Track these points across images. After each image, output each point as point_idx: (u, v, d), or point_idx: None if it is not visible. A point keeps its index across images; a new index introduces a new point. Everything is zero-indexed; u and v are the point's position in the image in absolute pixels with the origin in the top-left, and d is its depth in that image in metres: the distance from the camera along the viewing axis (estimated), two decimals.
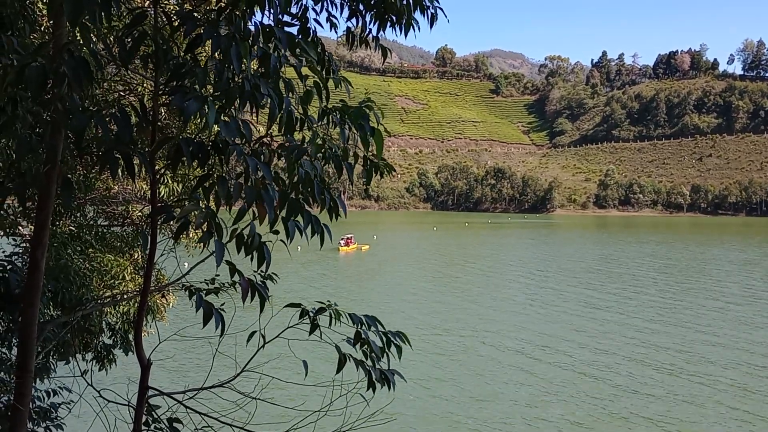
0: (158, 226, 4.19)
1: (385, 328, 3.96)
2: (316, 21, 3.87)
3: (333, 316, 3.87)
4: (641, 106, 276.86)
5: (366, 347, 3.88)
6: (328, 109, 3.59)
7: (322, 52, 3.65)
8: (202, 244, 3.24)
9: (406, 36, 4.21)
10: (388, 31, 4.12)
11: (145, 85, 6.83)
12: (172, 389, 4.49)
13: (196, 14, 3.30)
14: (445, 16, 4.27)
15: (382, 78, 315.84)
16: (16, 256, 7.86)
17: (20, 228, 9.02)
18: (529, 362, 28.84)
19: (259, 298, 3.59)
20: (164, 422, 4.25)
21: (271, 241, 3.38)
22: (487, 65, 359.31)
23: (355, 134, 3.60)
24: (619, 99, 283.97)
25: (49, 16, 3.59)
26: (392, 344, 3.92)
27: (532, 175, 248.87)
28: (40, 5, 5.81)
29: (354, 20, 4.15)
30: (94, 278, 9.10)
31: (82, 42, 3.13)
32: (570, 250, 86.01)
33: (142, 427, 4.01)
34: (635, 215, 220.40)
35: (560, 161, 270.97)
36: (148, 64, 3.54)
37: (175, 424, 4.25)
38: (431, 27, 4.23)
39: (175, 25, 3.36)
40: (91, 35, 3.36)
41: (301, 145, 3.42)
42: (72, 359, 8.15)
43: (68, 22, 2.82)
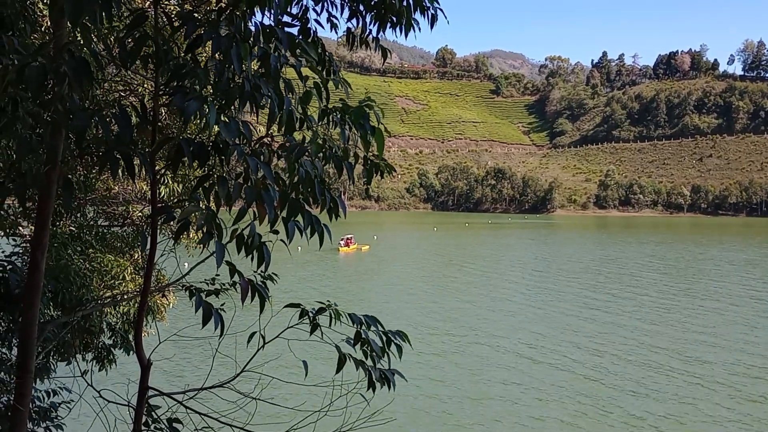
0: (158, 227, 4.19)
1: (384, 328, 3.96)
2: (317, 21, 3.88)
3: (333, 316, 3.87)
4: (641, 106, 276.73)
5: (366, 347, 3.88)
6: (329, 109, 3.59)
7: (322, 53, 3.65)
8: (202, 245, 3.24)
9: (406, 36, 4.20)
10: (389, 31, 4.12)
11: (146, 86, 6.84)
12: (172, 389, 4.49)
13: (196, 15, 3.30)
14: (445, 17, 4.27)
15: (383, 78, 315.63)
16: (16, 256, 7.88)
17: (20, 228, 9.02)
18: (527, 363, 28.84)
19: (259, 298, 3.59)
20: (164, 422, 4.25)
21: (271, 241, 3.38)
22: (488, 66, 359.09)
23: (356, 134, 3.60)
24: (620, 99, 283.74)
25: (50, 17, 3.59)
26: (392, 344, 3.92)
27: (532, 175, 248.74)
28: (40, 6, 5.81)
29: (354, 21, 4.15)
30: (95, 278, 9.10)
31: (82, 42, 3.13)
32: (569, 251, 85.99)
33: (142, 428, 4.01)
34: (635, 215, 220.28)
35: (560, 162, 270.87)
36: (149, 65, 3.54)
37: (175, 425, 4.25)
38: (431, 28, 4.23)
39: (176, 25, 3.36)
40: (92, 35, 3.36)
41: (302, 144, 3.42)
42: (72, 359, 8.16)
43: (69, 23, 2.82)
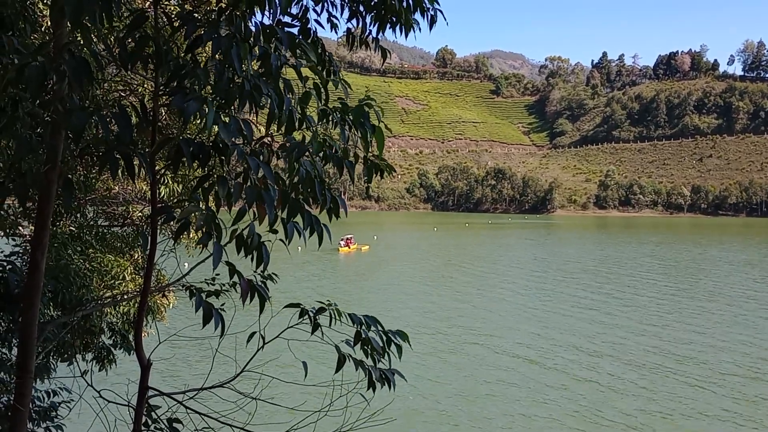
0: (158, 227, 4.19)
1: (384, 328, 3.96)
2: (317, 21, 3.88)
3: (333, 316, 3.87)
4: (641, 106, 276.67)
5: (368, 346, 3.88)
6: (329, 109, 3.58)
7: (322, 53, 3.65)
8: (201, 245, 3.24)
9: (406, 37, 4.21)
10: (389, 32, 4.12)
11: (146, 86, 6.84)
12: (172, 389, 4.49)
13: (196, 15, 3.30)
14: (444, 19, 4.27)
15: (383, 78, 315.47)
16: (16, 256, 7.88)
17: (20, 228, 9.02)
18: (525, 363, 28.83)
19: (259, 298, 3.59)
20: (164, 422, 4.25)
21: (270, 241, 3.38)
22: (488, 66, 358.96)
23: (355, 135, 3.59)
24: (620, 100, 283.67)
25: (50, 17, 3.59)
26: (392, 343, 3.92)
27: (532, 175, 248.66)
28: (40, 6, 5.81)
29: (354, 21, 4.15)
30: (95, 278, 9.10)
31: (82, 42, 3.13)
32: (569, 251, 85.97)
33: (142, 428, 4.01)
34: (635, 216, 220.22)
35: (560, 162, 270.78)
36: (149, 65, 3.54)
37: (174, 425, 4.25)
38: (430, 29, 4.23)
39: (176, 25, 3.36)
40: (92, 35, 3.36)
41: (302, 143, 3.42)
42: (72, 359, 8.17)
43: (69, 23, 2.82)
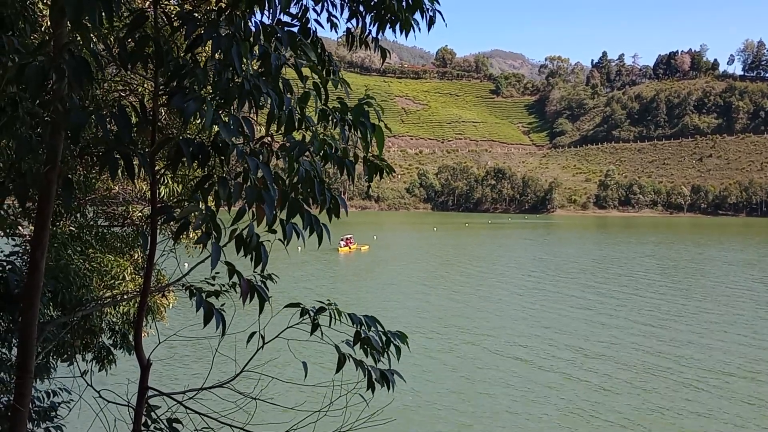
0: (158, 227, 4.19)
1: (384, 329, 3.96)
2: (317, 21, 3.88)
3: (333, 315, 3.86)
4: (641, 106, 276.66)
5: (368, 346, 3.88)
6: (329, 109, 3.58)
7: (322, 52, 3.65)
8: (201, 245, 3.23)
9: (406, 37, 4.21)
10: (388, 31, 4.12)
11: (146, 86, 6.84)
12: (172, 389, 4.49)
13: (196, 14, 3.29)
14: (443, 20, 4.27)
15: (383, 78, 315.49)
16: (16, 256, 7.88)
17: (20, 228, 9.02)
18: (523, 363, 28.84)
19: (259, 298, 3.59)
20: (164, 422, 4.24)
21: (269, 241, 3.37)
22: (488, 66, 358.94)
23: (355, 135, 3.59)
24: (620, 99, 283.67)
25: (50, 17, 3.59)
26: (392, 344, 3.92)
27: (532, 175, 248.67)
28: (40, 5, 5.81)
29: (354, 21, 4.15)
30: (94, 278, 9.10)
31: (82, 42, 3.13)
32: (568, 251, 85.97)
33: (142, 428, 4.00)
34: (635, 216, 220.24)
35: (560, 162, 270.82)
36: (149, 65, 3.54)
37: (174, 425, 4.25)
38: (429, 29, 4.23)
39: (176, 25, 3.35)
40: (92, 35, 3.36)
41: (302, 143, 3.42)
42: (72, 359, 8.17)
43: (69, 23, 2.82)
